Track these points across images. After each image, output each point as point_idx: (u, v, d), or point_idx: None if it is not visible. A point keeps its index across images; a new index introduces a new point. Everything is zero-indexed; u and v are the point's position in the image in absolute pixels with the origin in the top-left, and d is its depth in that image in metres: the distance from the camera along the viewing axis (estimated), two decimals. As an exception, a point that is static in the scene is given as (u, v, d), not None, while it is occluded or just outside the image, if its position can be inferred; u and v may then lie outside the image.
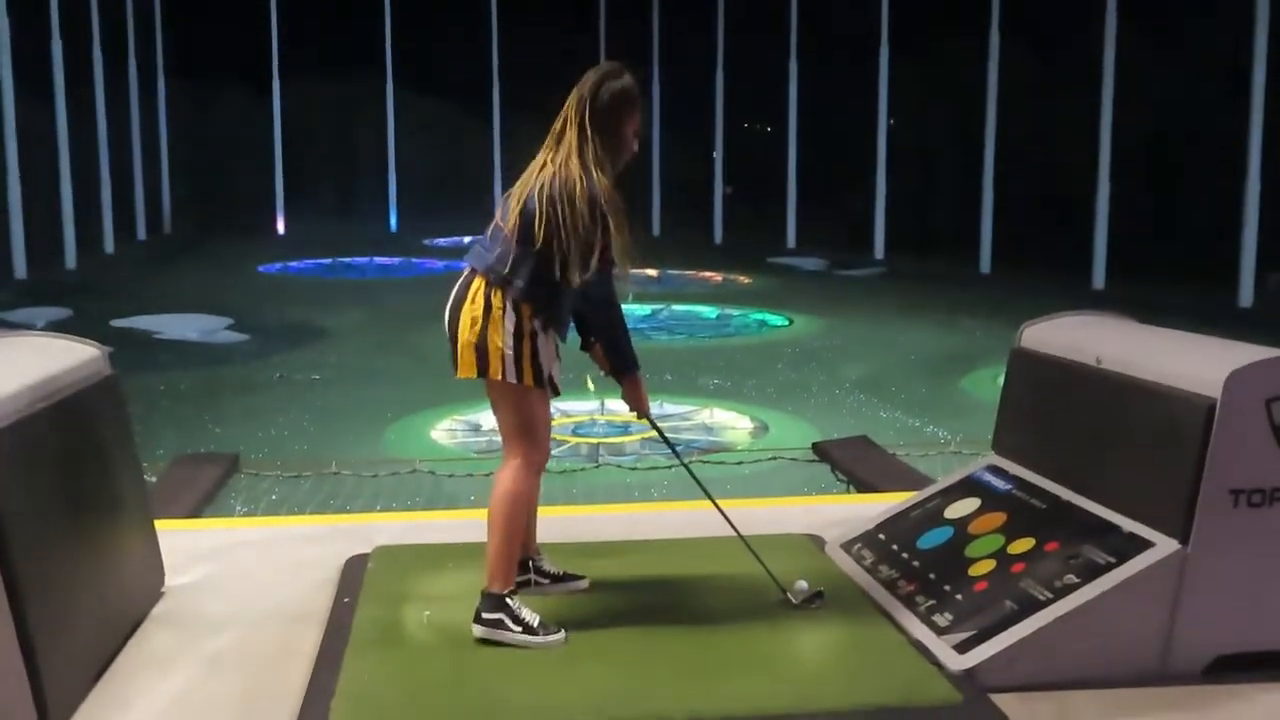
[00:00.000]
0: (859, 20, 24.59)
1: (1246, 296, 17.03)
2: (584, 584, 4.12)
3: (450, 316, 3.72)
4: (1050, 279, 18.99)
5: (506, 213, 3.68)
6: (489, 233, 3.75)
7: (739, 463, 8.15)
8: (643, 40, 29.33)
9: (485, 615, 3.63)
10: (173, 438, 8.93)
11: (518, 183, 3.74)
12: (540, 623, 3.63)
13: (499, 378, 3.65)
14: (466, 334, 3.65)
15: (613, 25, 27.86)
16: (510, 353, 3.63)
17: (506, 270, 3.64)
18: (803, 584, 3.97)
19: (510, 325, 3.63)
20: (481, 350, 3.64)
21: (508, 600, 3.64)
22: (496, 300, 3.64)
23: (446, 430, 9.85)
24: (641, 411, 4.05)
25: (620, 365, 3.96)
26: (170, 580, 4.21)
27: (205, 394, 11.27)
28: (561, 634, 3.63)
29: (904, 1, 24.01)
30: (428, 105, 30.83)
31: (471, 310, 3.66)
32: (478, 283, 3.68)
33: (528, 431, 3.75)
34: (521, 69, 28.43)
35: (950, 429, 9.43)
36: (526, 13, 29.67)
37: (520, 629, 3.60)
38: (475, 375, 3.68)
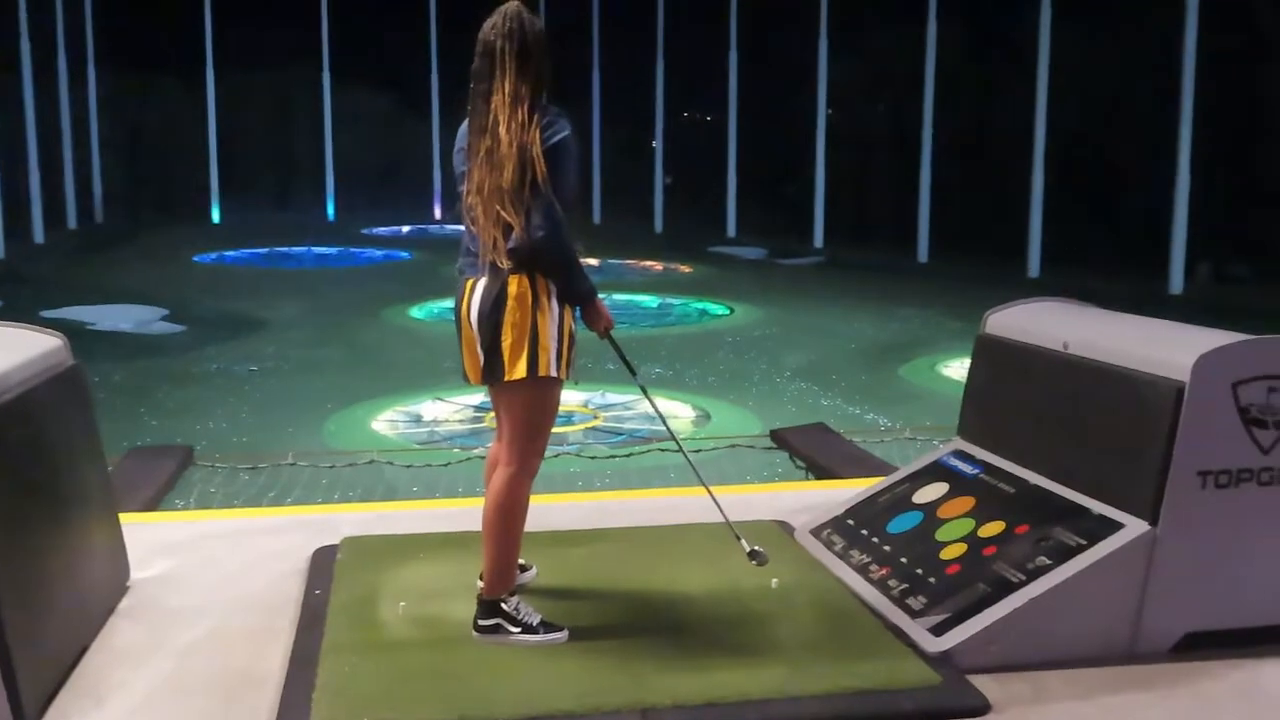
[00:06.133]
0: (798, 10, 24.69)
1: (1177, 283, 17.43)
2: (532, 574, 4.07)
3: (481, 321, 3.49)
4: (986, 268, 19.24)
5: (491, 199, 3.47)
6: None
7: (696, 451, 8.15)
8: (583, 29, 29.24)
9: (481, 622, 3.58)
10: (109, 430, 8.72)
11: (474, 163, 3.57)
12: (541, 621, 3.58)
13: (547, 373, 3.47)
14: (512, 335, 3.44)
15: (552, 13, 27.60)
16: (553, 344, 3.48)
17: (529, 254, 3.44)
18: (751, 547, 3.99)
19: (555, 312, 3.49)
20: (533, 347, 3.44)
21: (502, 605, 3.57)
22: (542, 289, 3.48)
23: (388, 421, 9.74)
24: (606, 328, 3.80)
25: (585, 297, 3.64)
26: (135, 573, 4.14)
27: (140, 386, 11.06)
28: (564, 632, 3.58)
29: (843, -8, 24.16)
30: (365, 94, 30.49)
31: (514, 308, 3.45)
32: (513, 280, 3.46)
33: (541, 431, 3.58)
34: (460, 58, 28.05)
35: (891, 415, 9.49)
36: (465, 2, 29.40)
37: (519, 630, 3.55)
38: (525, 376, 3.45)
